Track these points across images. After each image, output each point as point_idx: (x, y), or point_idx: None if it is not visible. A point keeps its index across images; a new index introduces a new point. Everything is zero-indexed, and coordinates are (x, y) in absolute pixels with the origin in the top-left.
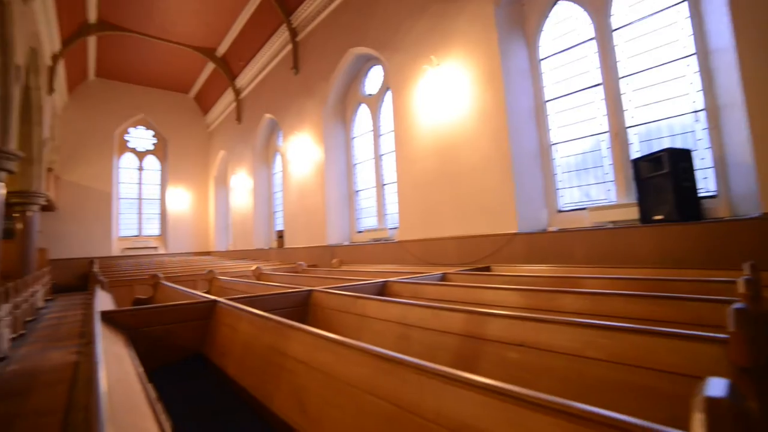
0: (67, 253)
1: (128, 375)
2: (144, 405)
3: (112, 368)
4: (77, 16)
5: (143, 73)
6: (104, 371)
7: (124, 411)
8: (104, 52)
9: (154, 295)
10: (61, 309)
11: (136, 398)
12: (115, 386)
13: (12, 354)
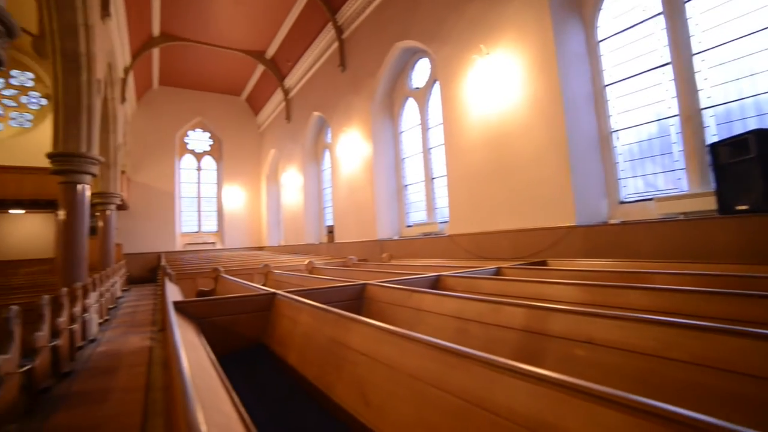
0: (138, 248)
1: (203, 360)
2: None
3: (190, 354)
4: (144, 31)
5: (200, 78)
6: (185, 355)
7: (205, 392)
8: (166, 62)
9: (215, 287)
10: (135, 298)
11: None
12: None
13: (100, 336)
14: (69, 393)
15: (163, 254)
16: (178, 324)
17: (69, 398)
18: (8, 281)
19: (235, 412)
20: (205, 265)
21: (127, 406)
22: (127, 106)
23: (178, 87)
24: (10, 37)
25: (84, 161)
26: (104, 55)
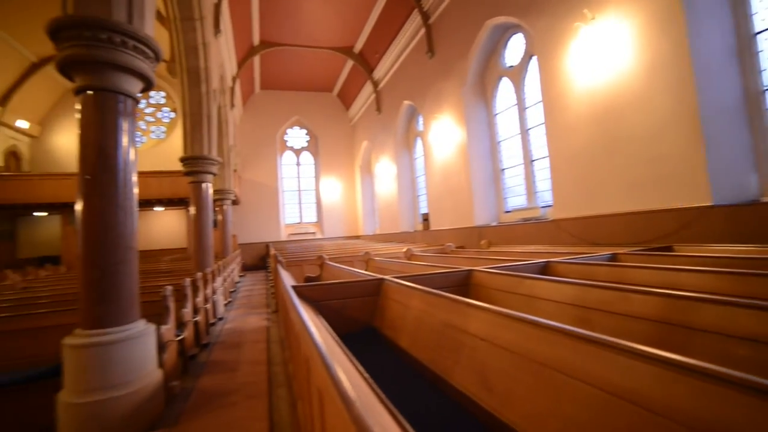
0: (249, 239)
1: (327, 338)
2: (347, 362)
3: (317, 331)
4: (246, 41)
5: (295, 79)
6: (316, 331)
7: (336, 364)
8: (265, 68)
9: (321, 273)
10: (250, 283)
11: (340, 356)
12: (323, 345)
13: (225, 316)
14: (208, 361)
15: (270, 244)
16: (301, 305)
17: (209, 365)
18: (155, 266)
19: (363, 382)
20: (308, 253)
21: (255, 376)
22: (235, 111)
23: (276, 89)
24: (158, 60)
25: (207, 162)
26: (217, 67)
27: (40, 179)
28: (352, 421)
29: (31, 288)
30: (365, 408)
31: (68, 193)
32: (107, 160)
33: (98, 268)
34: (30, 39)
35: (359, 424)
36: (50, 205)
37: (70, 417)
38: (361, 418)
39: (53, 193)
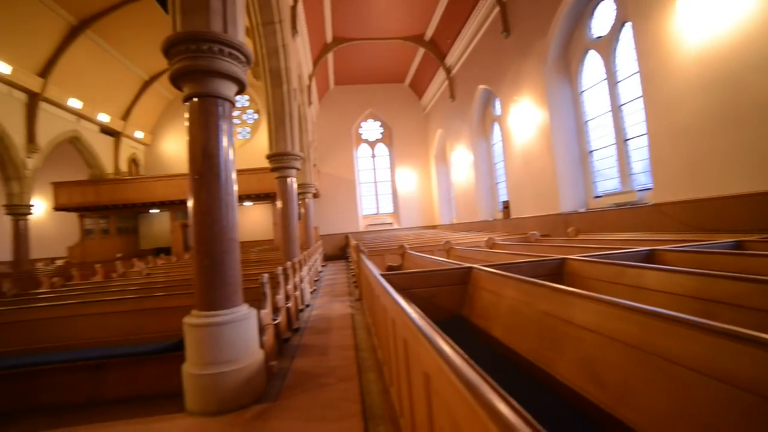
0: (329, 230)
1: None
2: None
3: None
4: (320, 40)
5: (367, 72)
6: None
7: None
8: (339, 64)
9: (402, 263)
10: (332, 273)
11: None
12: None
13: (312, 303)
14: (300, 344)
15: (349, 235)
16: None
17: (301, 348)
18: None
19: (470, 367)
20: (387, 243)
21: (344, 360)
22: (312, 108)
23: (349, 84)
24: (249, 64)
25: (291, 158)
26: (295, 67)
27: (154, 181)
28: (480, 404)
29: (153, 274)
30: (488, 391)
31: (174, 192)
32: (211, 160)
33: (208, 257)
34: (142, 60)
35: (488, 407)
36: (162, 203)
37: (192, 385)
38: (489, 401)
39: (163, 192)
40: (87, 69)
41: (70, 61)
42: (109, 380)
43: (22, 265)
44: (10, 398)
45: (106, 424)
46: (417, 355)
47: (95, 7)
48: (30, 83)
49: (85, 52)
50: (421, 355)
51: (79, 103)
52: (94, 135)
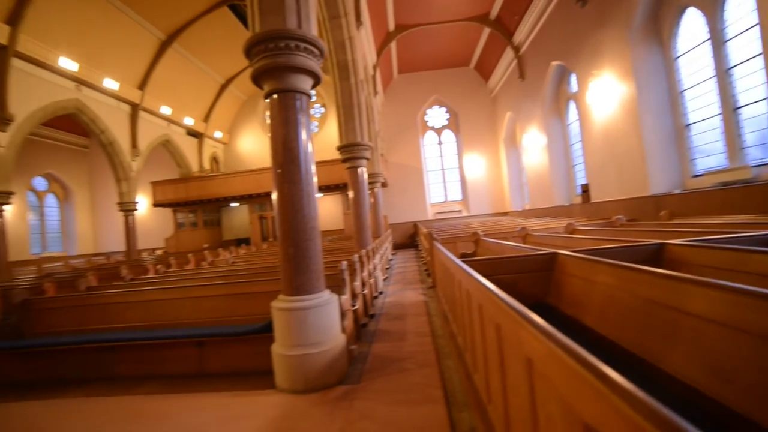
0: (397, 219)
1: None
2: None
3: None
4: (382, 29)
5: (431, 58)
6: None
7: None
8: (402, 52)
9: (476, 250)
10: (402, 261)
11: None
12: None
13: (385, 290)
14: (377, 330)
15: (417, 223)
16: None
17: (378, 334)
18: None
19: (581, 348)
20: (457, 230)
21: (422, 346)
22: (378, 99)
23: (413, 72)
24: (322, 56)
25: (361, 148)
26: (360, 58)
27: (233, 176)
28: (611, 388)
29: (237, 262)
30: (614, 376)
31: (251, 186)
32: (291, 152)
33: (292, 245)
34: (218, 65)
35: (619, 390)
36: (240, 197)
37: (281, 364)
38: (620, 385)
39: (241, 186)
40: (174, 78)
41: (161, 73)
42: (209, 356)
43: (132, 254)
44: (134, 366)
45: (210, 394)
46: (515, 340)
47: (179, 21)
48: (132, 95)
49: (173, 62)
50: (523, 340)
51: (169, 109)
52: (182, 137)
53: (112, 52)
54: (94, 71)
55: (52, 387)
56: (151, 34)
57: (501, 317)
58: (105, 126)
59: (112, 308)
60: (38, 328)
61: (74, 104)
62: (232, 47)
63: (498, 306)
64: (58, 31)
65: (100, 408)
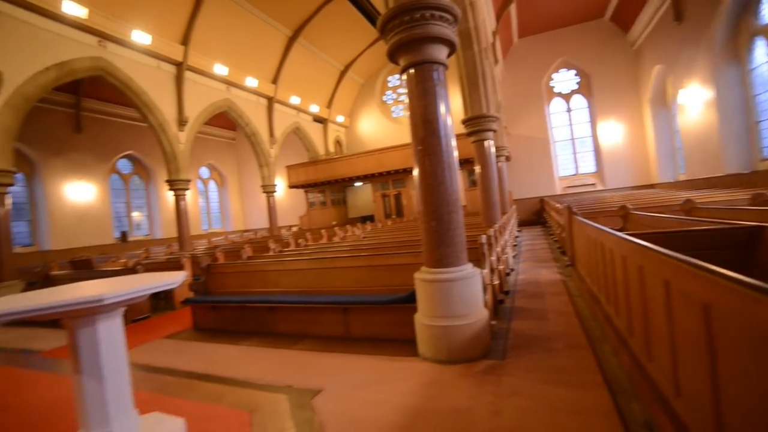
0: (521, 194)
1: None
2: None
3: None
4: None
5: (556, 15)
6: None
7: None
8: (523, 13)
9: (624, 225)
10: (528, 238)
11: None
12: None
13: (516, 267)
14: (514, 307)
15: (545, 198)
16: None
17: (516, 311)
18: None
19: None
20: (594, 205)
21: (568, 327)
22: (498, 67)
23: (535, 34)
24: (457, 22)
25: (487, 120)
26: (481, 24)
27: (357, 157)
28: None
29: (367, 237)
30: None
31: (373, 166)
32: (431, 125)
33: (434, 218)
34: (337, 53)
35: None
36: (364, 176)
37: (424, 334)
38: None
39: (364, 167)
40: (300, 69)
41: (289, 66)
42: (353, 321)
43: (273, 230)
44: (291, 325)
45: (357, 356)
46: (742, 321)
47: (302, 16)
48: (268, 90)
49: (298, 55)
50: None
51: (298, 99)
52: (309, 124)
53: (251, 54)
54: (239, 72)
55: (232, 335)
56: (279, 31)
57: (712, 293)
58: (248, 119)
59: (269, 275)
60: (218, 288)
61: (226, 103)
62: (348, 35)
63: (707, 280)
64: (212, 42)
65: (271, 357)
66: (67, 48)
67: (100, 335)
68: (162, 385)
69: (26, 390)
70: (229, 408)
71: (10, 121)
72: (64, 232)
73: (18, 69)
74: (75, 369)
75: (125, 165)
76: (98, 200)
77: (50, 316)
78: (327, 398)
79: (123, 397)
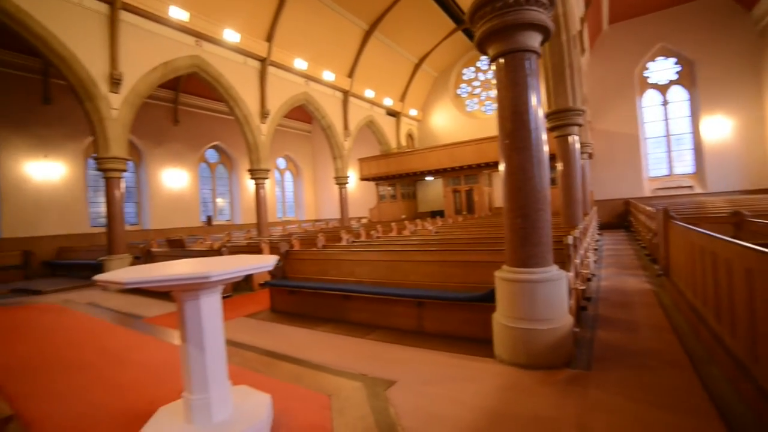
0: (603, 195)
1: None
2: None
3: None
4: None
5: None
6: None
7: None
8: None
9: (736, 234)
10: (611, 242)
11: None
12: None
13: (597, 273)
14: (597, 315)
15: (631, 200)
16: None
17: (600, 320)
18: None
19: None
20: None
21: (663, 343)
22: (584, 58)
23: (629, 19)
24: (552, 6)
25: (572, 114)
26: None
27: (429, 151)
28: None
29: (439, 233)
30: None
31: (445, 160)
32: (520, 117)
33: (520, 215)
34: (411, 46)
35: None
36: (435, 171)
37: (503, 335)
38: None
39: (436, 161)
40: (375, 63)
41: (364, 59)
42: (427, 316)
43: (344, 221)
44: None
45: (429, 351)
46: None
47: (379, 10)
48: (344, 83)
49: (373, 49)
50: None
51: (372, 92)
52: (382, 117)
53: (329, 48)
54: (317, 66)
55: (307, 319)
56: (356, 25)
57: None
58: (324, 112)
59: (344, 264)
60: (295, 273)
61: (304, 96)
62: (423, 27)
63: None
64: (293, 38)
65: (345, 344)
66: (170, 48)
67: (203, 308)
68: (245, 360)
69: (135, 350)
70: (308, 389)
71: (127, 116)
72: (161, 213)
73: (133, 69)
74: (182, 337)
75: (212, 155)
76: (189, 186)
77: (165, 288)
78: (401, 390)
79: (220, 367)
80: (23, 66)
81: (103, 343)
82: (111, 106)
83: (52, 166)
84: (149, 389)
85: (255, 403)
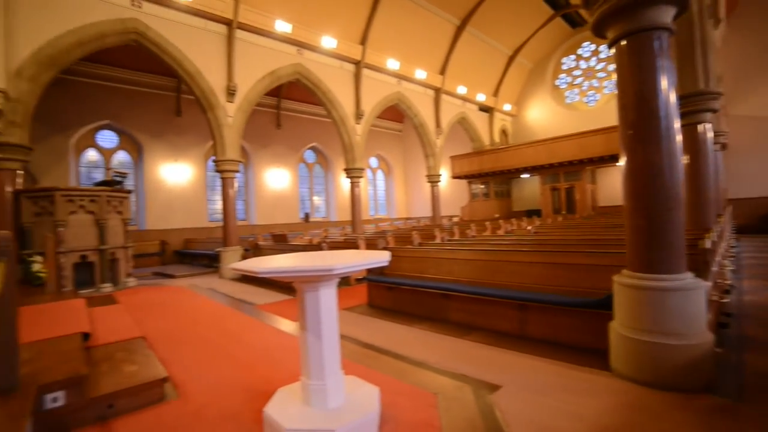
0: (739, 193)
1: None
2: None
3: None
4: None
5: None
6: None
7: None
8: None
9: None
10: (753, 250)
11: None
12: None
13: (734, 284)
14: (742, 335)
15: None
16: None
17: (747, 341)
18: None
19: None
20: None
21: None
22: (718, 30)
23: None
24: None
25: (704, 98)
26: None
27: (525, 147)
28: None
29: (540, 233)
30: None
31: (542, 157)
32: (648, 104)
33: (644, 216)
34: (504, 38)
35: None
36: (532, 168)
37: (622, 347)
38: None
39: (533, 158)
40: (467, 58)
41: (456, 55)
42: (530, 320)
43: (436, 219)
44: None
45: (533, 357)
46: None
47: (470, 4)
48: (435, 81)
49: (465, 44)
50: None
51: (464, 88)
52: (474, 113)
53: (420, 46)
54: (408, 65)
55: (404, 316)
56: (447, 21)
57: None
58: (417, 111)
59: (442, 262)
60: (392, 270)
61: (396, 96)
62: (517, 17)
63: None
64: (385, 39)
65: (443, 343)
66: (275, 59)
67: (321, 300)
68: (349, 352)
69: (249, 331)
70: (413, 386)
71: (240, 122)
72: (265, 210)
73: (245, 80)
74: (301, 326)
75: (310, 155)
76: (289, 185)
77: (291, 278)
78: (508, 397)
79: (334, 356)
80: (161, 86)
81: (224, 324)
82: (227, 114)
83: (181, 169)
84: (265, 369)
85: (364, 394)
